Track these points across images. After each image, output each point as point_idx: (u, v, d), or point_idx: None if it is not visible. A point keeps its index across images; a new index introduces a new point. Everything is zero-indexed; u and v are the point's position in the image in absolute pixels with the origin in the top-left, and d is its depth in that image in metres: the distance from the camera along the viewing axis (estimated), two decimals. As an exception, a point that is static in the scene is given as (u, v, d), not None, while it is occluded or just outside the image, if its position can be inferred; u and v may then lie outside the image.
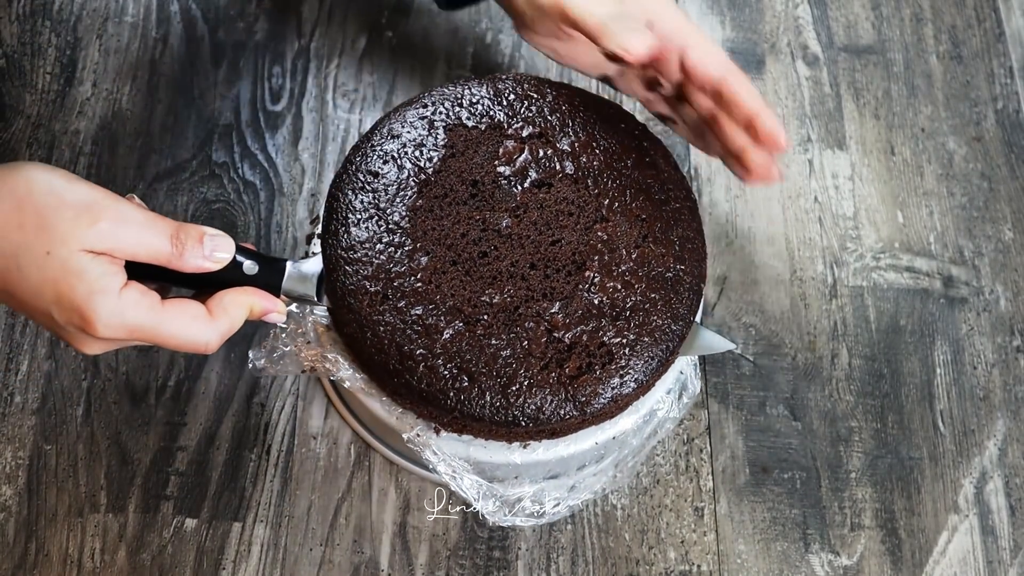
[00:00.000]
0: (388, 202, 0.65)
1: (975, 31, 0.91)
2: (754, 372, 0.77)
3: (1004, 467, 0.75)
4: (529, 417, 0.61)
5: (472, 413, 0.61)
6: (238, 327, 0.59)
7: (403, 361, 0.61)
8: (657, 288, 0.64)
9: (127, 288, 0.55)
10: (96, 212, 0.54)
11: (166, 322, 0.57)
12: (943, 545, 0.72)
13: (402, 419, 0.64)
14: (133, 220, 0.55)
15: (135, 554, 0.69)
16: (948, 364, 0.78)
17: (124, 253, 0.55)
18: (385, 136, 0.68)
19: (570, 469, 0.68)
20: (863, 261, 0.81)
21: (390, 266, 0.63)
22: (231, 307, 0.59)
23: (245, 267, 0.60)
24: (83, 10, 0.88)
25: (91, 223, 0.54)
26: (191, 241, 0.57)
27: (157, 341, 0.57)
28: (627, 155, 0.68)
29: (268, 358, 0.65)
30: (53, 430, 0.72)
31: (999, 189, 0.85)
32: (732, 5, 0.91)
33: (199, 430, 0.73)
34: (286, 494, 0.71)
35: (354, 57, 0.87)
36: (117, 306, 0.55)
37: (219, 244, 0.58)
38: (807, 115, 0.87)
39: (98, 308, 0.54)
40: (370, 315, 0.62)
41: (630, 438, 0.67)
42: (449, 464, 0.64)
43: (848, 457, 0.74)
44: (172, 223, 0.57)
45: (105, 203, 0.55)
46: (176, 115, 0.84)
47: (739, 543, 0.71)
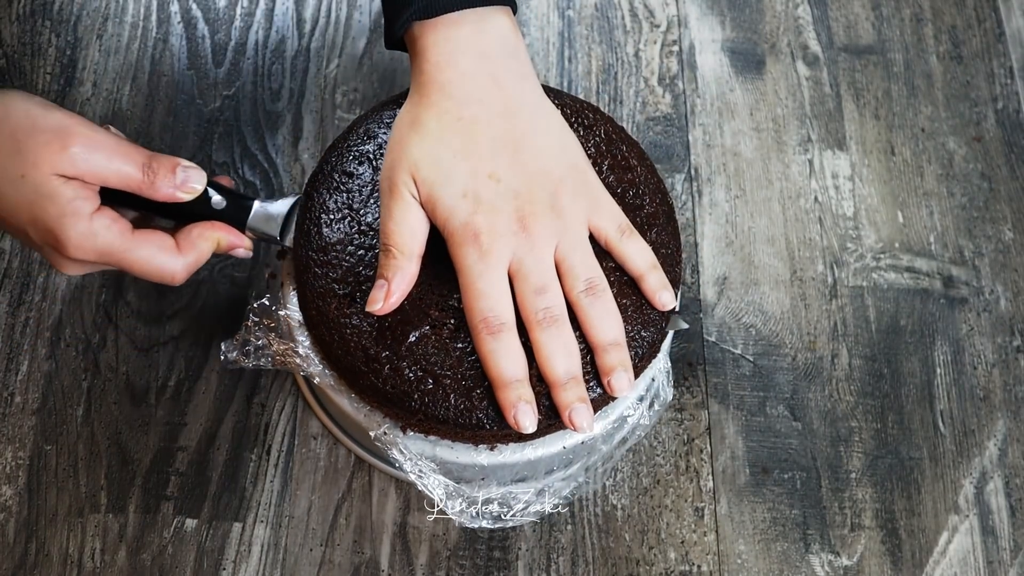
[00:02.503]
0: (362, 203, 0.65)
1: (975, 31, 0.91)
2: (754, 372, 0.77)
3: (1004, 467, 0.75)
4: (493, 420, 0.61)
5: (436, 415, 0.61)
6: (205, 260, 0.62)
7: (368, 363, 0.61)
8: (628, 293, 0.63)
9: (99, 213, 0.58)
10: (68, 137, 0.56)
11: (135, 249, 0.59)
12: (943, 545, 0.72)
13: (370, 417, 0.64)
14: (105, 146, 0.57)
15: (135, 554, 0.69)
16: (948, 364, 0.78)
17: (96, 178, 0.57)
18: (361, 136, 0.67)
19: (538, 473, 0.67)
20: (863, 261, 0.81)
21: (360, 268, 0.63)
22: (199, 240, 0.61)
23: (213, 201, 0.62)
24: (83, 10, 0.88)
25: (62, 148, 0.56)
26: (163, 170, 0.59)
27: (126, 266, 0.59)
28: (602, 159, 0.67)
29: (240, 351, 0.65)
30: (53, 430, 0.72)
31: (999, 189, 0.85)
32: (732, 5, 0.91)
33: (199, 430, 0.73)
34: (286, 494, 0.71)
35: (354, 57, 0.87)
36: (88, 229, 0.57)
37: (191, 175, 0.60)
38: (807, 115, 0.87)
39: (69, 230, 0.57)
40: (337, 317, 0.62)
41: (599, 443, 0.67)
42: (416, 463, 0.63)
43: (848, 457, 0.74)
44: (145, 152, 0.59)
45: (78, 129, 0.57)
46: (176, 115, 0.84)
47: (739, 543, 0.71)
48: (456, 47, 0.62)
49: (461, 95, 0.62)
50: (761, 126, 0.86)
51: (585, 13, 0.90)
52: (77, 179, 0.57)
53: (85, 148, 0.57)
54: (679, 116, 0.86)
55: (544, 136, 0.63)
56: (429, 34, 0.62)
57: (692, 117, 0.86)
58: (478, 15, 0.62)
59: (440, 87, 0.62)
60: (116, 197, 0.59)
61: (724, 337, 0.78)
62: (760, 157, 0.85)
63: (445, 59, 0.62)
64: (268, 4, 0.89)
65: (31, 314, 0.76)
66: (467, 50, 0.62)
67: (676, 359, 0.76)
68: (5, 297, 0.76)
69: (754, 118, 0.86)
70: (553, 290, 0.61)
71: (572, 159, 0.63)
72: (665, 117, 0.86)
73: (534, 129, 0.62)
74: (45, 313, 0.76)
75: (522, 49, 0.64)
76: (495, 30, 0.63)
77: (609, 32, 0.90)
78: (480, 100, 0.62)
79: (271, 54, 0.87)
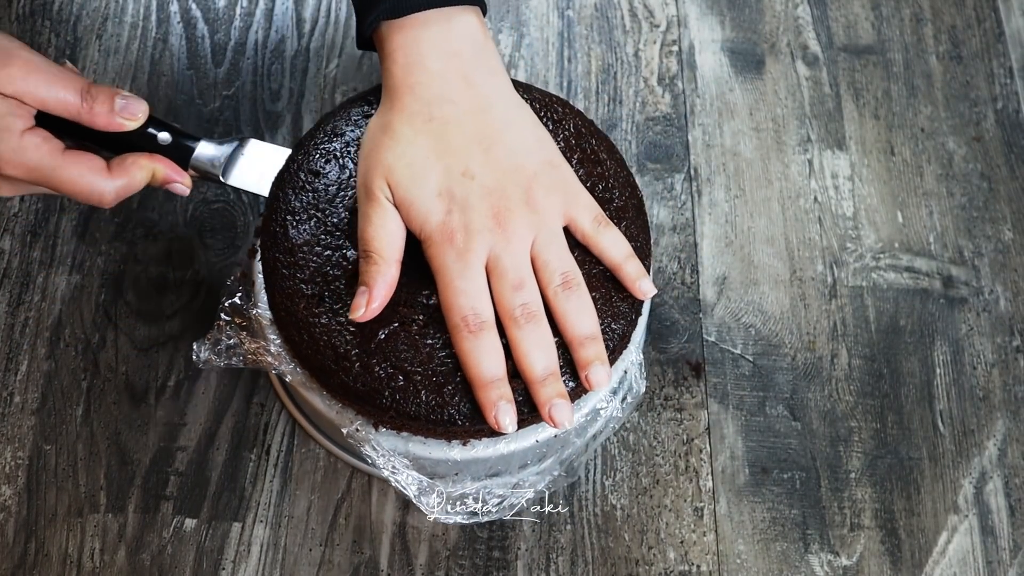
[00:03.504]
0: (328, 203, 0.65)
1: (975, 31, 0.91)
2: (754, 372, 0.77)
3: (1004, 467, 0.75)
4: (465, 416, 0.61)
5: (408, 412, 0.61)
6: (137, 188, 0.63)
7: (338, 361, 0.61)
8: (598, 287, 0.63)
9: (30, 131, 0.59)
10: (8, 59, 0.58)
11: (64, 167, 0.60)
12: (943, 545, 0.72)
13: (342, 414, 0.64)
14: (46, 71, 0.59)
15: (135, 554, 0.69)
16: (948, 364, 0.78)
17: (32, 100, 0.59)
18: (328, 134, 0.67)
19: (512, 467, 0.67)
20: (863, 261, 0.81)
21: (327, 268, 0.63)
22: (132, 168, 0.62)
23: (160, 138, 0.64)
24: (82, 10, 0.88)
25: (1, 67, 0.58)
26: (102, 96, 0.61)
27: (55, 184, 0.60)
28: (572, 153, 0.67)
29: (212, 350, 0.65)
30: (53, 430, 0.72)
31: (999, 189, 0.85)
32: (732, 5, 0.91)
33: (199, 430, 0.73)
34: (286, 494, 0.71)
35: (354, 57, 0.87)
36: (18, 145, 0.59)
37: (130, 104, 0.62)
38: (807, 115, 0.87)
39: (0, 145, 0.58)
40: (306, 317, 0.62)
41: (573, 437, 0.67)
42: (389, 460, 0.63)
43: (848, 457, 0.74)
44: (85, 80, 0.60)
45: (19, 52, 0.59)
46: (176, 115, 0.84)
47: (739, 543, 0.71)
48: (425, 48, 0.62)
49: (431, 96, 0.62)
50: (761, 126, 0.86)
51: (585, 13, 0.90)
52: (13, 98, 0.58)
53: (24, 70, 0.58)
54: (679, 116, 0.86)
55: (517, 132, 0.63)
56: (397, 35, 0.62)
57: (692, 117, 0.86)
58: (445, 15, 0.62)
59: (410, 89, 0.62)
60: (60, 128, 0.61)
61: (724, 337, 0.78)
62: (760, 157, 0.85)
63: (414, 60, 0.62)
64: (268, 4, 0.89)
65: (30, 314, 0.76)
66: (436, 50, 0.62)
67: (675, 359, 0.77)
68: (5, 297, 0.76)
69: (754, 118, 0.86)
70: (529, 286, 0.61)
71: (545, 154, 0.63)
72: (665, 117, 0.86)
73: (506, 125, 0.63)
74: (44, 313, 0.76)
75: (491, 46, 0.64)
76: (464, 29, 0.63)
77: (609, 32, 0.90)
78: (451, 100, 0.62)
79: (271, 54, 0.87)
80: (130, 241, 0.78)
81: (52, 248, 0.78)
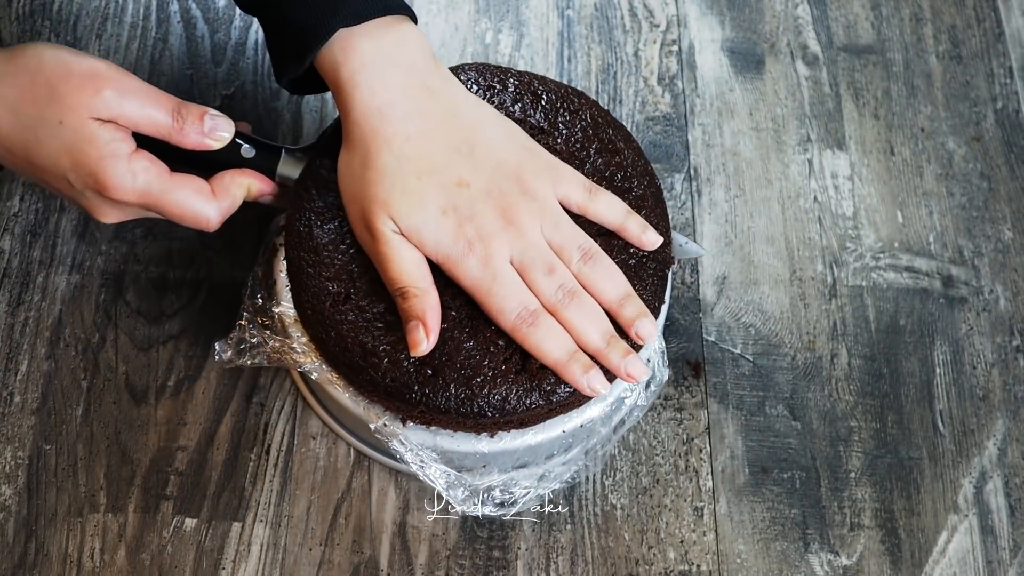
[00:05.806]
0: None
1: (975, 31, 0.91)
2: (753, 372, 0.77)
3: (1004, 467, 0.75)
4: (495, 408, 0.61)
5: (438, 405, 0.61)
6: (238, 206, 0.63)
7: (366, 357, 0.61)
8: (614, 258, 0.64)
9: (137, 154, 0.59)
10: (100, 82, 0.58)
11: (173, 190, 0.60)
12: (943, 545, 0.72)
13: (369, 409, 0.64)
14: (137, 91, 0.59)
15: (135, 554, 0.69)
16: (948, 364, 0.78)
17: (128, 122, 0.59)
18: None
19: (539, 458, 0.68)
20: (863, 261, 0.81)
21: (352, 267, 0.63)
22: (232, 186, 0.63)
23: (243, 150, 0.64)
24: (82, 10, 0.88)
25: (96, 92, 0.58)
26: (192, 117, 0.61)
27: (163, 208, 0.60)
28: (589, 143, 0.68)
29: (235, 350, 0.65)
30: (53, 430, 0.72)
31: (999, 189, 0.85)
32: (732, 5, 0.91)
33: (199, 430, 0.73)
34: (286, 494, 0.71)
35: (354, 57, 0.87)
36: (128, 169, 0.58)
37: (219, 123, 0.62)
38: (807, 115, 0.87)
39: (110, 170, 0.58)
40: (333, 315, 0.62)
41: (598, 426, 0.67)
42: (417, 454, 0.63)
43: (848, 457, 0.74)
44: (175, 98, 0.60)
45: (109, 74, 0.59)
46: (176, 115, 0.83)
47: (739, 543, 0.71)
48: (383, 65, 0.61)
49: (400, 115, 0.61)
50: (760, 126, 0.86)
51: (584, 13, 0.90)
52: (112, 122, 0.58)
53: (118, 92, 0.58)
54: (678, 116, 0.86)
55: (490, 128, 0.63)
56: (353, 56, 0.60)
57: (691, 117, 0.86)
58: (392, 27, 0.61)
59: (379, 113, 0.61)
60: (146, 148, 0.60)
61: (723, 337, 0.78)
62: (759, 157, 0.85)
63: (376, 80, 0.61)
64: (268, 4, 0.89)
65: (30, 314, 0.76)
66: (394, 65, 0.61)
67: (675, 359, 0.77)
68: (5, 297, 0.76)
69: (753, 118, 0.86)
70: (559, 267, 0.62)
71: (519, 141, 0.64)
72: (664, 117, 0.86)
73: (476, 125, 0.63)
74: (44, 313, 0.76)
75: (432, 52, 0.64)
76: (411, 38, 0.62)
77: (608, 32, 0.90)
78: (421, 114, 0.61)
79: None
80: (130, 241, 0.78)
81: (52, 248, 0.78)
